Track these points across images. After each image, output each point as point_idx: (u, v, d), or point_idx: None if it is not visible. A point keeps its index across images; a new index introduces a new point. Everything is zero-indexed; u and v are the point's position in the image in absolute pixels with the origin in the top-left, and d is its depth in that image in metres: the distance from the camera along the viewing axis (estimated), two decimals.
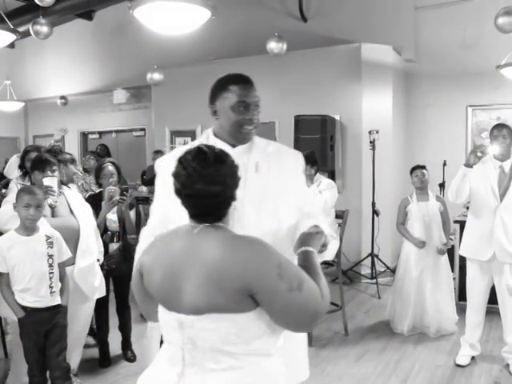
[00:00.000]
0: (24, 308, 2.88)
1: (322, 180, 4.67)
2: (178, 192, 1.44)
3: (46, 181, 3.20)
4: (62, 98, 9.60)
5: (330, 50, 6.65)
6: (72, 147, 9.49)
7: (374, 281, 5.94)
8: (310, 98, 6.64)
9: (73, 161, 4.26)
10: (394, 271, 5.47)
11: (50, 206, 3.27)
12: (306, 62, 6.74)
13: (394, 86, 6.66)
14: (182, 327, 1.40)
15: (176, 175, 1.44)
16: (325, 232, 1.73)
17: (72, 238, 3.20)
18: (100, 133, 9.86)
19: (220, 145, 1.78)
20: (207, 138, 1.96)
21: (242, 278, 1.34)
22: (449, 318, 4.45)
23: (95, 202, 3.83)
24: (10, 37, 5.01)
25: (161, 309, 1.48)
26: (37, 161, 3.41)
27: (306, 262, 1.55)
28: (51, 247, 2.96)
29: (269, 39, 5.51)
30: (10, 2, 7.37)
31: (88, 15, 8.99)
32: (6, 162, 5.95)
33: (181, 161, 1.44)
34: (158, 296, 1.48)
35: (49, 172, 3.27)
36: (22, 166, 4.20)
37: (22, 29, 6.13)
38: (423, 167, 4.63)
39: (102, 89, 9.42)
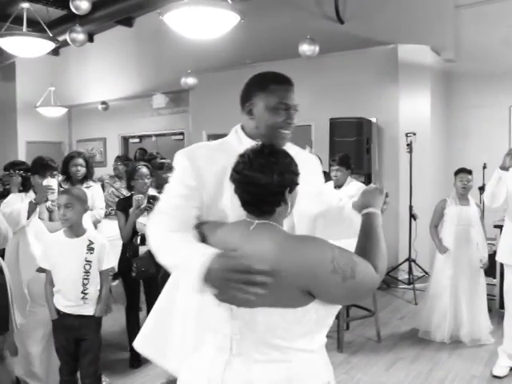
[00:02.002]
0: (58, 311, 2.91)
1: (354, 184, 4.58)
2: (232, 178, 1.51)
3: (46, 181, 3.27)
4: (103, 103, 9.82)
5: (366, 51, 6.56)
6: (113, 151, 9.70)
7: (411, 286, 5.80)
8: (346, 101, 6.57)
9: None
10: None
11: (48, 208, 3.34)
12: (341, 64, 6.68)
13: (433, 87, 6.51)
14: (233, 318, 1.45)
15: (235, 163, 1.51)
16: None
17: None
18: (140, 137, 10.04)
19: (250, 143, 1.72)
20: (238, 138, 1.81)
21: (298, 277, 1.38)
22: (483, 327, 4.29)
23: (125, 206, 3.90)
24: (50, 45, 5.17)
25: (208, 300, 1.51)
26: (37, 165, 3.48)
27: (368, 227, 1.58)
28: (91, 253, 2.92)
29: (301, 42, 5.47)
30: (53, 11, 7.61)
31: (128, 22, 9.17)
32: None
33: (242, 153, 1.52)
34: None
35: (49, 177, 3.34)
36: (64, 171, 4.30)
37: (63, 37, 6.32)
38: (469, 172, 4.45)
39: (142, 94, 9.59)
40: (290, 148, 1.88)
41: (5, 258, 3.50)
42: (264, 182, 1.45)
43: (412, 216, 6.06)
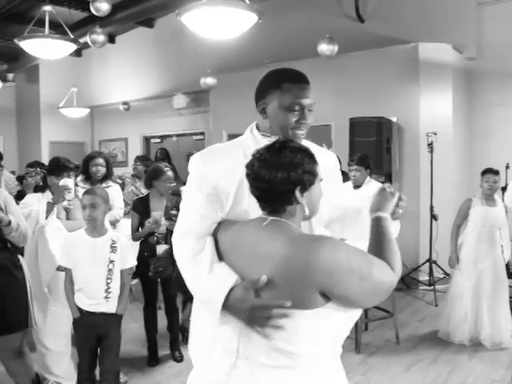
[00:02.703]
0: (79, 310, 2.94)
1: (372, 184, 4.55)
2: (246, 174, 1.52)
3: (63, 181, 3.32)
4: (125, 103, 9.92)
5: (386, 50, 6.50)
6: (135, 151, 9.79)
7: (432, 288, 5.73)
8: (366, 100, 6.52)
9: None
10: None
11: (65, 208, 3.38)
12: (361, 63, 6.63)
13: (454, 86, 6.42)
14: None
15: (249, 160, 1.52)
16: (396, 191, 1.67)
17: None
18: (161, 137, 10.11)
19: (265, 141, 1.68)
20: (254, 137, 1.77)
21: (311, 275, 1.35)
22: (505, 330, 4.21)
23: (139, 207, 3.93)
24: (71, 46, 5.24)
25: None
26: (54, 166, 3.52)
27: (378, 230, 1.55)
28: (114, 252, 2.96)
29: (319, 41, 5.45)
30: (76, 14, 7.72)
31: (149, 23, 9.24)
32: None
33: (256, 149, 1.52)
34: None
35: (65, 177, 3.38)
36: (85, 171, 4.35)
37: (85, 39, 6.40)
38: (496, 172, 4.37)
39: (163, 94, 9.66)
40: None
41: (24, 258, 3.57)
42: (268, 178, 1.44)
43: (433, 216, 5.99)
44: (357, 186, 4.57)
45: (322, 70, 6.90)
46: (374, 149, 6.12)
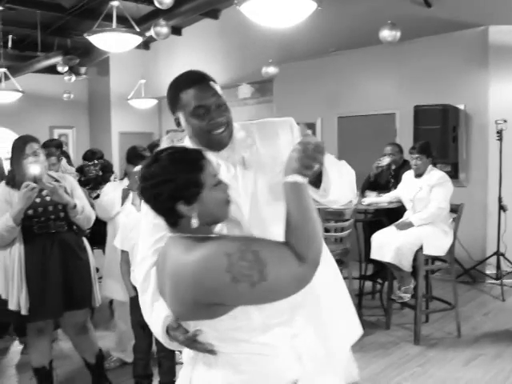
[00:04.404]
0: (135, 289, 3.10)
1: (434, 173, 4.42)
2: None
3: (137, 168, 3.44)
4: None
5: (452, 35, 6.26)
6: None
7: (499, 282, 5.51)
8: (431, 88, 6.33)
9: None
10: None
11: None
12: (426, 49, 6.43)
13: None
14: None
15: None
16: (309, 141, 1.36)
17: None
18: None
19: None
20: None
21: (195, 292, 1.30)
22: None
23: None
24: (137, 39, 5.42)
25: None
26: (131, 154, 3.67)
27: (288, 204, 1.35)
28: None
29: (381, 27, 5.33)
30: (143, 7, 7.95)
31: (214, 14, 9.36)
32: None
33: None
34: None
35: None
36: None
37: (151, 32, 6.59)
38: None
39: (228, 84, 9.77)
40: (241, 130, 1.70)
41: (106, 243, 3.80)
42: (147, 197, 1.40)
43: (501, 207, 5.74)
44: (418, 175, 4.46)
45: (385, 58, 6.78)
46: (439, 137, 5.94)
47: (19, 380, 3.71)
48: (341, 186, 1.60)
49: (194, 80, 1.61)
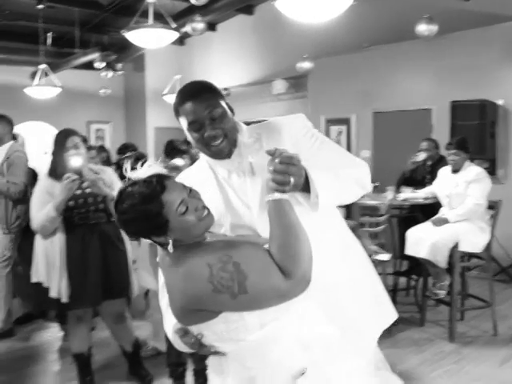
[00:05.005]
0: None
1: (471, 169, 4.35)
2: None
3: (174, 161, 3.50)
4: (225, 89, 10.17)
5: (490, 29, 6.13)
6: None
7: None
8: (469, 82, 6.22)
9: None
10: None
11: None
12: (463, 43, 6.32)
13: None
14: None
15: None
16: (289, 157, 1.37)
17: None
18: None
19: (214, 162, 1.70)
20: (202, 159, 1.77)
21: (183, 301, 1.37)
22: None
23: None
24: (172, 35, 5.48)
25: None
26: (168, 148, 3.73)
27: (271, 221, 1.38)
28: None
29: (418, 21, 5.26)
30: (179, 4, 8.04)
31: (249, 10, 9.39)
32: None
33: None
34: None
35: (178, 158, 3.56)
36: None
37: (186, 28, 6.66)
38: None
39: (262, 80, 9.80)
40: (249, 134, 1.70)
41: None
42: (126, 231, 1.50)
43: None
44: (455, 171, 4.40)
45: (422, 52, 6.69)
46: (476, 133, 5.86)
47: (60, 365, 3.84)
48: (338, 188, 1.58)
49: (188, 95, 1.61)
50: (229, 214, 1.65)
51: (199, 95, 1.59)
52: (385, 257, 4.29)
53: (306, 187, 1.46)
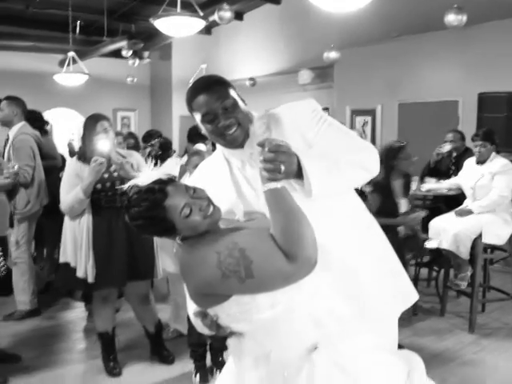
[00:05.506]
0: None
1: (497, 160, 4.31)
2: None
3: (196, 146, 3.56)
4: (251, 79, 10.20)
5: None
6: None
7: None
8: (497, 74, 6.14)
9: None
10: None
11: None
12: (492, 34, 6.23)
13: None
14: None
15: None
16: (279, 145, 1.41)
17: None
18: None
19: (228, 153, 1.76)
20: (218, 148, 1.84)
21: (195, 284, 1.47)
22: None
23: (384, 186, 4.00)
24: (200, 23, 5.53)
25: None
26: (192, 134, 3.78)
27: (269, 209, 1.44)
28: None
29: (447, 11, 5.20)
30: None
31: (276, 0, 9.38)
32: None
33: None
34: None
35: (201, 143, 3.61)
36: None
37: (213, 17, 6.70)
38: None
39: (288, 70, 9.78)
40: (260, 123, 1.74)
41: None
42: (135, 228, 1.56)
43: None
44: (481, 162, 4.37)
45: (449, 43, 6.62)
46: (504, 125, 5.81)
47: (85, 343, 3.96)
48: (337, 173, 1.58)
49: (199, 89, 1.66)
50: (241, 203, 1.72)
51: (210, 88, 1.65)
52: (434, 244, 4.27)
53: (300, 174, 1.50)
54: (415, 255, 3.78)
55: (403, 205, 3.86)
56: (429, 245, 4.32)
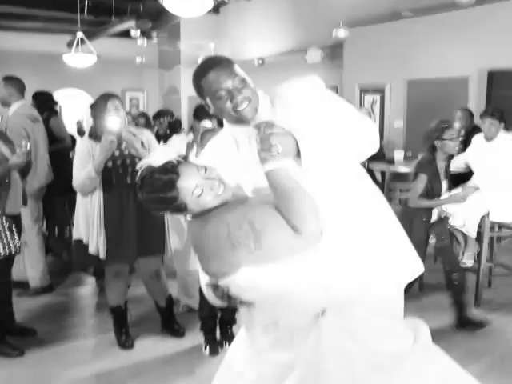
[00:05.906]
0: None
1: (506, 137, 4.31)
2: None
3: (202, 122, 3.58)
4: (260, 59, 10.16)
5: None
6: None
7: None
8: (507, 52, 6.08)
9: None
10: None
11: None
12: (502, 12, 6.15)
13: None
14: None
15: None
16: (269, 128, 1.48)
17: None
18: None
19: (236, 130, 1.78)
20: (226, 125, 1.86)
21: (209, 258, 1.52)
22: None
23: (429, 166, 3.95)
24: (209, 3, 5.50)
25: None
26: (198, 111, 3.80)
27: (271, 188, 1.49)
28: None
29: None
30: None
31: None
32: None
33: None
34: None
35: (207, 120, 3.63)
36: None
37: None
38: None
39: (297, 48, 9.73)
40: (265, 101, 1.76)
41: None
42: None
43: None
44: (489, 139, 4.37)
45: (459, 21, 6.55)
46: None
47: (97, 318, 4.06)
48: (335, 151, 1.63)
49: (208, 66, 1.70)
50: (249, 179, 1.75)
51: (219, 64, 1.69)
52: (459, 221, 4.26)
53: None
54: (439, 238, 3.77)
55: (444, 186, 3.88)
56: (454, 222, 4.29)
